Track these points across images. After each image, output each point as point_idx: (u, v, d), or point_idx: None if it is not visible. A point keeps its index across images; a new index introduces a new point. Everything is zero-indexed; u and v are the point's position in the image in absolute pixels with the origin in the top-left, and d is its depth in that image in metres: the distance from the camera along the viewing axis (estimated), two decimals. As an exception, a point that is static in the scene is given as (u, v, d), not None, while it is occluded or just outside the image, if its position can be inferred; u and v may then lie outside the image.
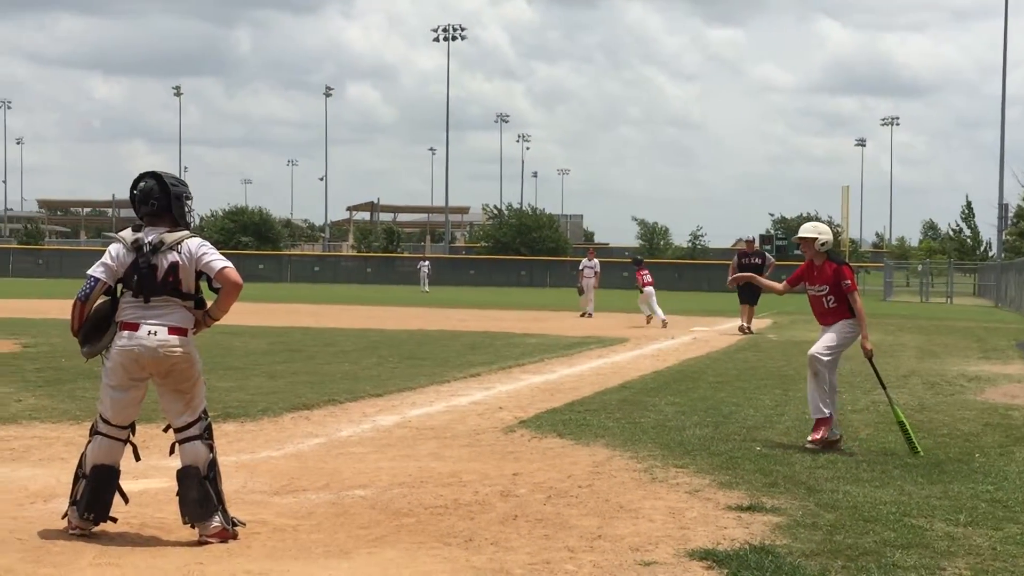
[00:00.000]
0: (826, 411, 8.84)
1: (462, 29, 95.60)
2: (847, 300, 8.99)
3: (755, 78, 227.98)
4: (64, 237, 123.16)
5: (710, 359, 17.21)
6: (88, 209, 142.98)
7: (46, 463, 7.88)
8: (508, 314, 31.57)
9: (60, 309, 25.40)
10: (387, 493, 7.03)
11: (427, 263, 60.44)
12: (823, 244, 9.20)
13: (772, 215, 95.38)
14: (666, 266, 75.47)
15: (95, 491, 5.85)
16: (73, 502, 5.88)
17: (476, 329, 23.53)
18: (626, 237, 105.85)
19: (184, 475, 5.89)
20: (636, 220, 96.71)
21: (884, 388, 9.37)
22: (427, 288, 55.14)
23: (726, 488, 7.24)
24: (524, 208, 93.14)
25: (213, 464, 5.93)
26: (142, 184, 5.99)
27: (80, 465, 5.96)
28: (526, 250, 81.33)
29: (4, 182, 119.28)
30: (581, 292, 30.58)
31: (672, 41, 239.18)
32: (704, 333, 24.03)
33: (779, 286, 9.88)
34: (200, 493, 5.82)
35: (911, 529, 6.19)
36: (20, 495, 6.80)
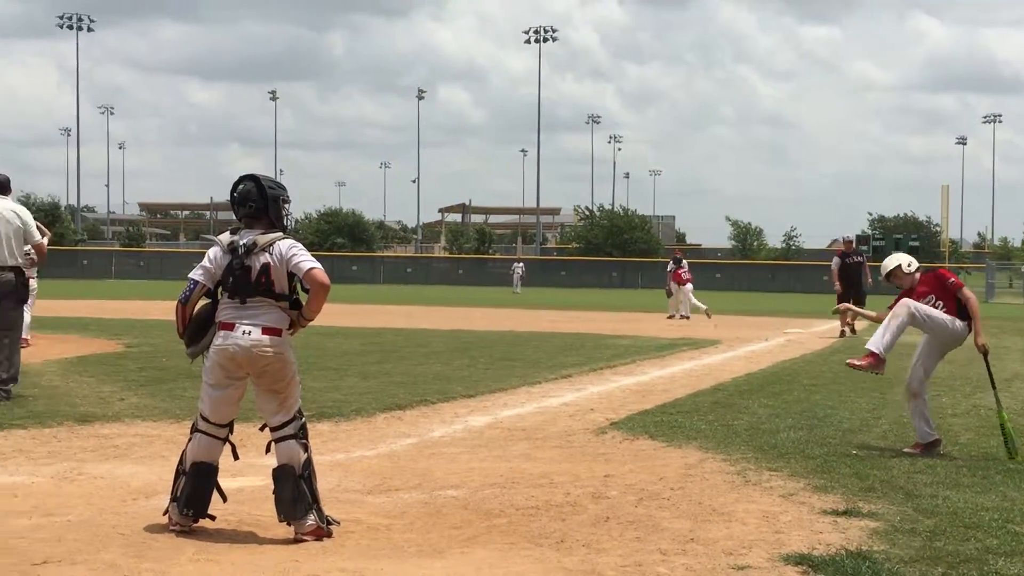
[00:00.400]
0: (933, 435, 8.69)
1: (553, 31, 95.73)
2: (955, 299, 8.79)
3: (851, 76, 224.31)
4: (164, 240, 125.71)
5: (804, 361, 16.99)
6: (187, 212, 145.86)
7: (148, 460, 8.06)
8: (599, 315, 31.50)
9: (161, 310, 25.97)
10: (479, 493, 7.06)
11: (521, 264, 60.55)
12: (910, 265, 9.12)
13: (870, 215, 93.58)
14: (759, 267, 74.66)
15: (195, 488, 5.97)
16: (174, 498, 6.00)
17: (567, 330, 23.52)
18: (719, 238, 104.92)
19: (280, 474, 5.97)
20: (730, 221, 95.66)
21: (994, 388, 9.14)
22: (519, 289, 55.22)
23: (821, 492, 7.14)
24: (616, 209, 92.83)
25: (308, 463, 6.01)
26: (241, 187, 6.10)
27: (181, 462, 6.09)
28: (617, 252, 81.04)
29: (107, 186, 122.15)
30: (669, 294, 30.39)
31: (765, 40, 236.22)
32: (798, 335, 23.72)
33: (876, 314, 9.50)
34: (295, 492, 5.90)
35: (1014, 536, 6.04)
36: (123, 491, 6.97)
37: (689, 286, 29.54)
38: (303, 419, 6.13)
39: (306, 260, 5.97)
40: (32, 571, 5.17)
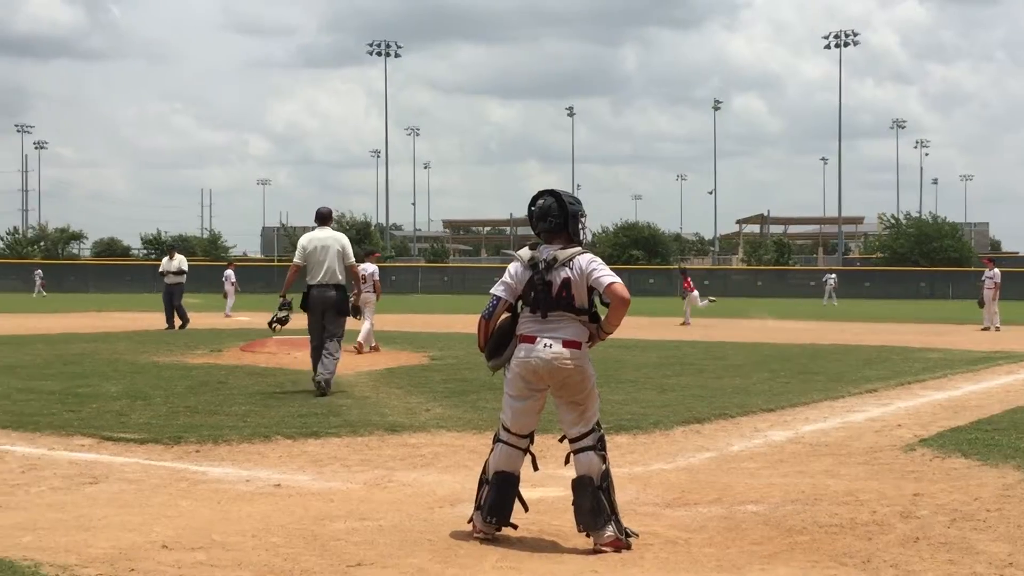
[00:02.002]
0: None
1: (854, 34, 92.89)
2: None
3: None
4: (466, 255, 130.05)
5: None
6: (488, 228, 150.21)
7: (452, 470, 8.33)
8: (906, 327, 30.24)
9: (464, 324, 26.85)
10: (780, 509, 6.90)
11: (833, 276, 58.92)
12: None
13: None
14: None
15: (498, 496, 6.10)
16: (478, 507, 6.16)
17: (872, 343, 22.68)
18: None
19: (579, 485, 6.03)
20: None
21: None
22: (834, 302, 53.78)
23: None
24: (923, 217, 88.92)
25: (606, 475, 6.05)
26: (540, 202, 6.21)
27: (484, 471, 6.24)
28: (925, 261, 77.59)
29: (414, 204, 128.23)
30: (981, 304, 28.83)
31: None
32: None
33: None
34: (594, 503, 5.94)
35: None
36: (429, 499, 7.23)
37: (695, 293, 32.26)
38: (602, 431, 6.17)
39: (606, 274, 6.01)
40: (348, 572, 5.44)
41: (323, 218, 13.06)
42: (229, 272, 37.45)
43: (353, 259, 12.96)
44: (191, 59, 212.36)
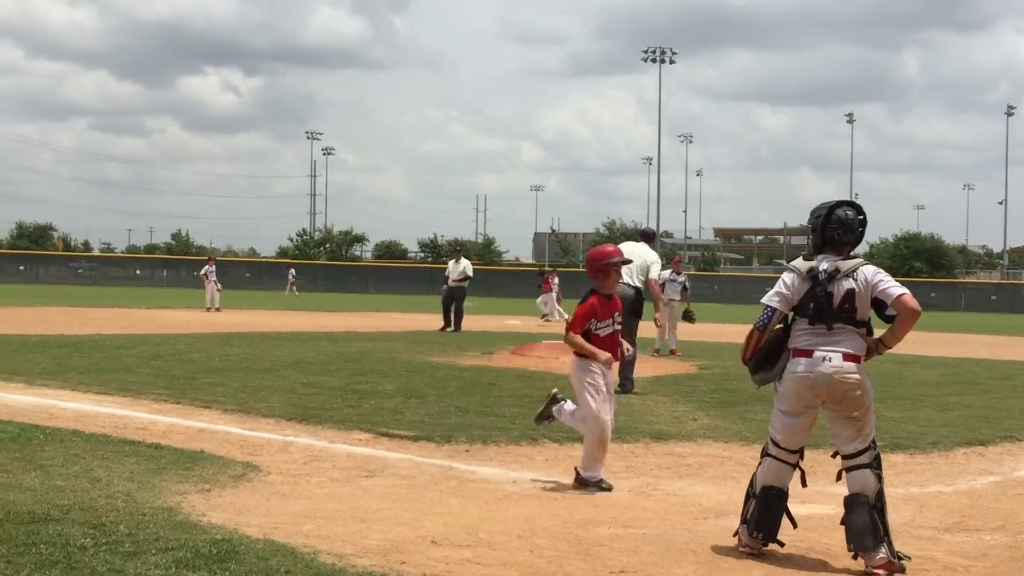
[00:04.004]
0: None
1: None
2: None
3: None
4: (737, 264, 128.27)
5: None
6: (760, 237, 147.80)
7: (718, 481, 8.22)
8: None
9: (733, 334, 26.43)
10: (1072, 542, 6.45)
11: None
12: None
13: None
14: None
15: (764, 511, 5.98)
16: (744, 520, 6.06)
17: None
18: None
19: (852, 503, 5.82)
20: None
21: None
22: None
23: None
24: None
25: (881, 494, 5.81)
26: (844, 212, 5.98)
27: (751, 485, 6.13)
28: None
29: (685, 212, 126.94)
30: None
31: None
32: None
33: None
34: (868, 523, 5.72)
35: None
36: (695, 509, 7.15)
37: (551, 294, 35.21)
38: (877, 449, 5.94)
39: (894, 286, 5.80)
40: (610, 578, 5.45)
41: (648, 237, 14.70)
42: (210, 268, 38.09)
43: (654, 275, 13.80)
44: (467, 68, 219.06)
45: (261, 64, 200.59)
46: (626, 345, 8.37)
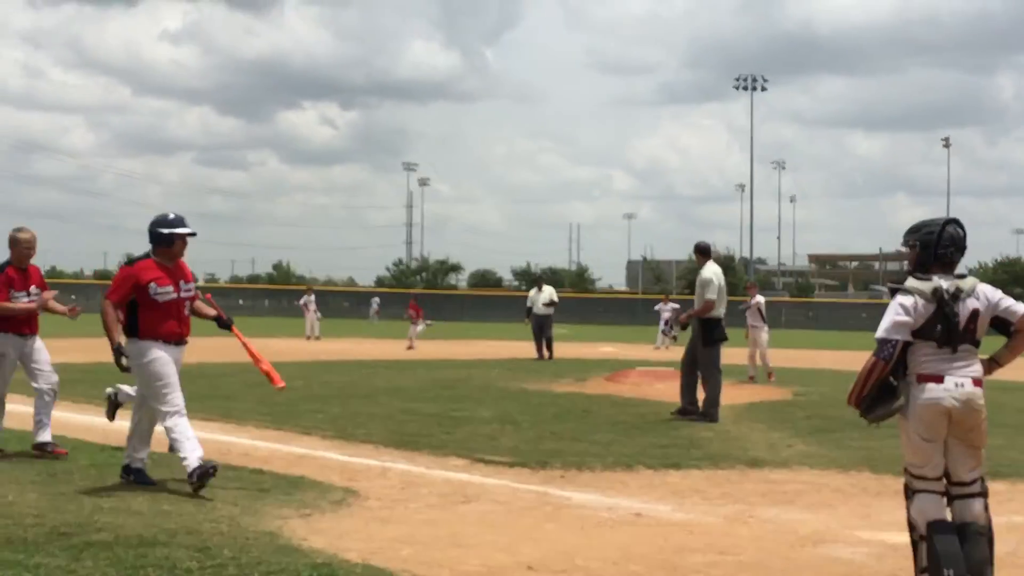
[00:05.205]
0: None
1: None
2: None
3: None
4: (832, 290, 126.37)
5: None
6: (855, 263, 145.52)
7: (815, 508, 8.14)
8: None
9: (830, 360, 26.16)
10: None
11: None
12: None
13: None
14: None
15: (944, 547, 5.46)
16: (921, 571, 5.59)
17: None
18: None
19: (969, 533, 5.55)
20: None
21: None
22: None
23: None
24: None
25: (990, 523, 5.66)
26: (952, 229, 5.80)
27: (912, 530, 5.70)
28: None
29: (778, 238, 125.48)
30: None
31: None
32: None
33: None
34: (987, 554, 5.51)
35: None
36: (791, 537, 7.10)
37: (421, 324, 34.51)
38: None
39: (1017, 303, 5.67)
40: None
41: (700, 251, 14.58)
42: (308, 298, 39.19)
43: (711, 296, 13.70)
44: (557, 98, 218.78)
45: (356, 98, 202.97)
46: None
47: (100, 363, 20.38)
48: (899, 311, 5.59)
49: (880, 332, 5.61)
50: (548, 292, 27.51)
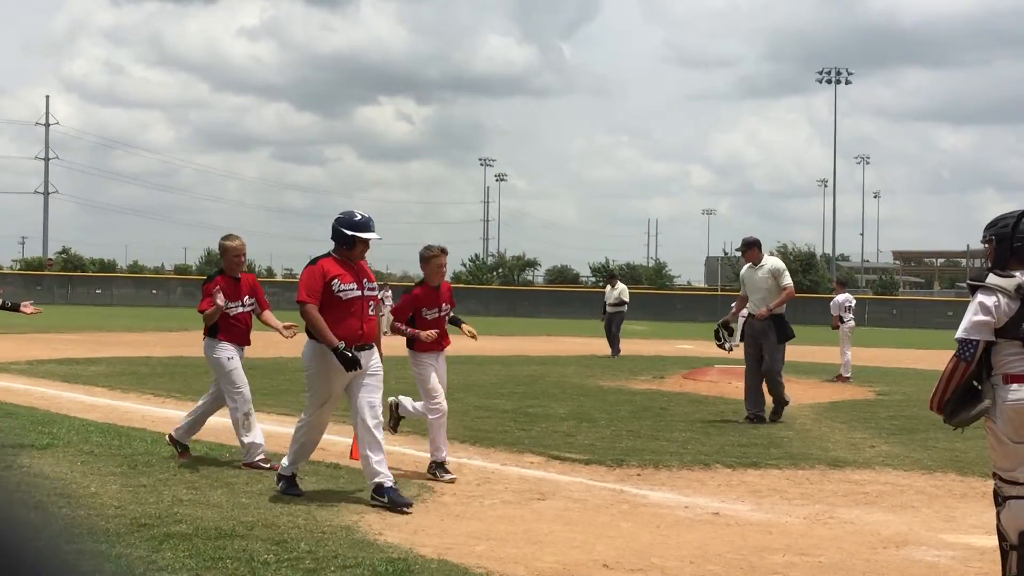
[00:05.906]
0: None
1: None
2: None
3: None
4: (917, 287, 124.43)
5: None
6: (941, 260, 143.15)
7: (898, 510, 7.99)
8: None
9: (914, 359, 25.69)
10: None
11: None
12: None
13: None
14: None
15: None
16: None
17: None
18: None
19: None
20: None
21: None
22: None
23: None
24: None
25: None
26: None
27: (1001, 539, 5.52)
28: None
29: (862, 235, 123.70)
30: None
31: None
32: None
33: None
34: None
35: None
36: (873, 539, 6.97)
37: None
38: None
39: None
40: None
41: (748, 245, 13.53)
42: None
43: (783, 282, 13.22)
44: (635, 93, 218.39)
45: (433, 93, 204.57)
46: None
47: (180, 357, 20.71)
48: (979, 312, 5.41)
49: (960, 332, 5.44)
50: (619, 290, 27.30)
